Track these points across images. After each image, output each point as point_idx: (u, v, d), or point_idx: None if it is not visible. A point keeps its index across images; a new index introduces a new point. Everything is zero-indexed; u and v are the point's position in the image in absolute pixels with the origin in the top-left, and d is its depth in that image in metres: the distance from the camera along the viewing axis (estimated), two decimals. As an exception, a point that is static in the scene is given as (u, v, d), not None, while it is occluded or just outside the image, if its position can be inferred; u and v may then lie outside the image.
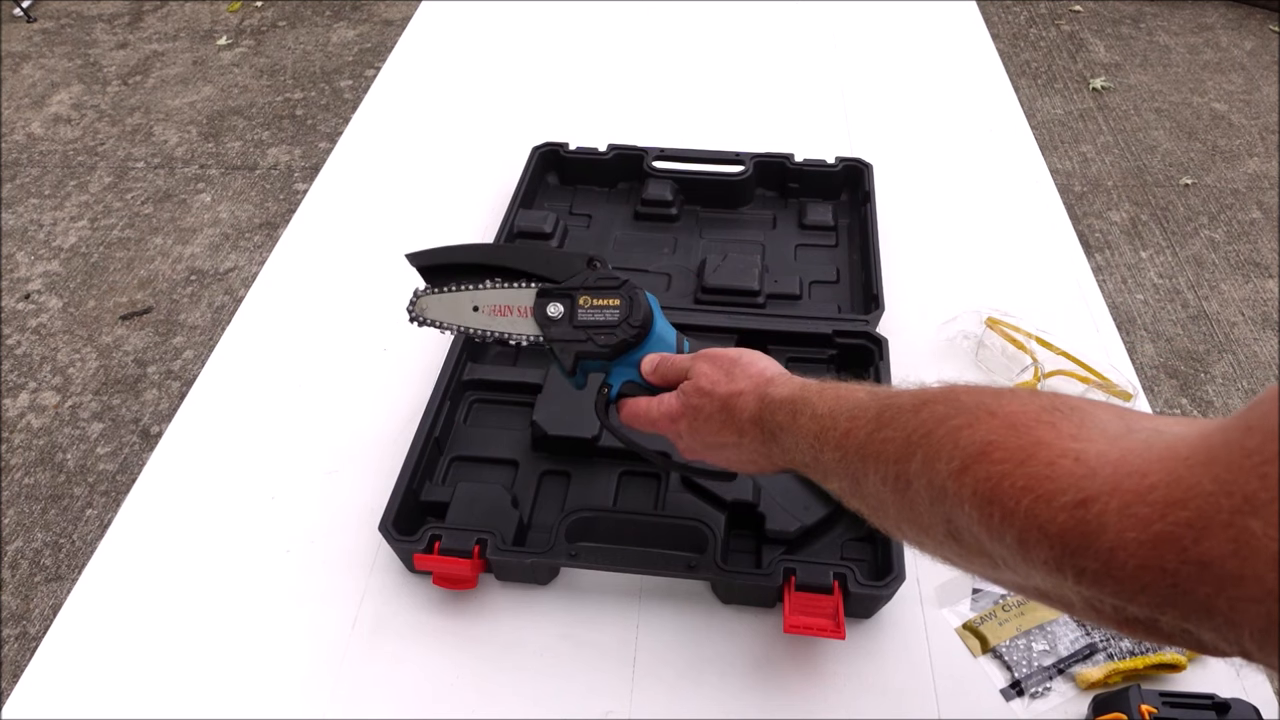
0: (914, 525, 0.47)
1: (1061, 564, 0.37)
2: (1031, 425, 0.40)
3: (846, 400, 0.54)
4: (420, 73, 1.46)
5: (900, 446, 0.46)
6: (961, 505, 0.41)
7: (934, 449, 0.44)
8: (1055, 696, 0.69)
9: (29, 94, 3.17)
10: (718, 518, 0.77)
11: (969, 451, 0.41)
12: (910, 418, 0.47)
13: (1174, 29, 3.27)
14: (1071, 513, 0.36)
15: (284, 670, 0.73)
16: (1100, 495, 0.35)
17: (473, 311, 0.75)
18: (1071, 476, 0.37)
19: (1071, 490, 0.36)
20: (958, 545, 0.44)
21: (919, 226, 1.11)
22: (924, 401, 0.47)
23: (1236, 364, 2.11)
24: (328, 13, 3.53)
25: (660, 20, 1.55)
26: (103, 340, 2.26)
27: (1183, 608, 0.33)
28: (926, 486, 0.44)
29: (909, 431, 0.46)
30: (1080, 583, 0.36)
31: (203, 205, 2.66)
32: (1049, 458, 0.38)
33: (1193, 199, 2.56)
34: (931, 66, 1.43)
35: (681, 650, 0.73)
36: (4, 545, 1.85)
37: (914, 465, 0.45)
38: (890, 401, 0.50)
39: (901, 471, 0.46)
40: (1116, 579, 0.35)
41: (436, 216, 1.17)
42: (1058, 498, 0.37)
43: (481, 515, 0.78)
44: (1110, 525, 0.35)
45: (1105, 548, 0.35)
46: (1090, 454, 0.37)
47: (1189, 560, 0.32)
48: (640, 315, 0.68)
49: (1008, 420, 0.41)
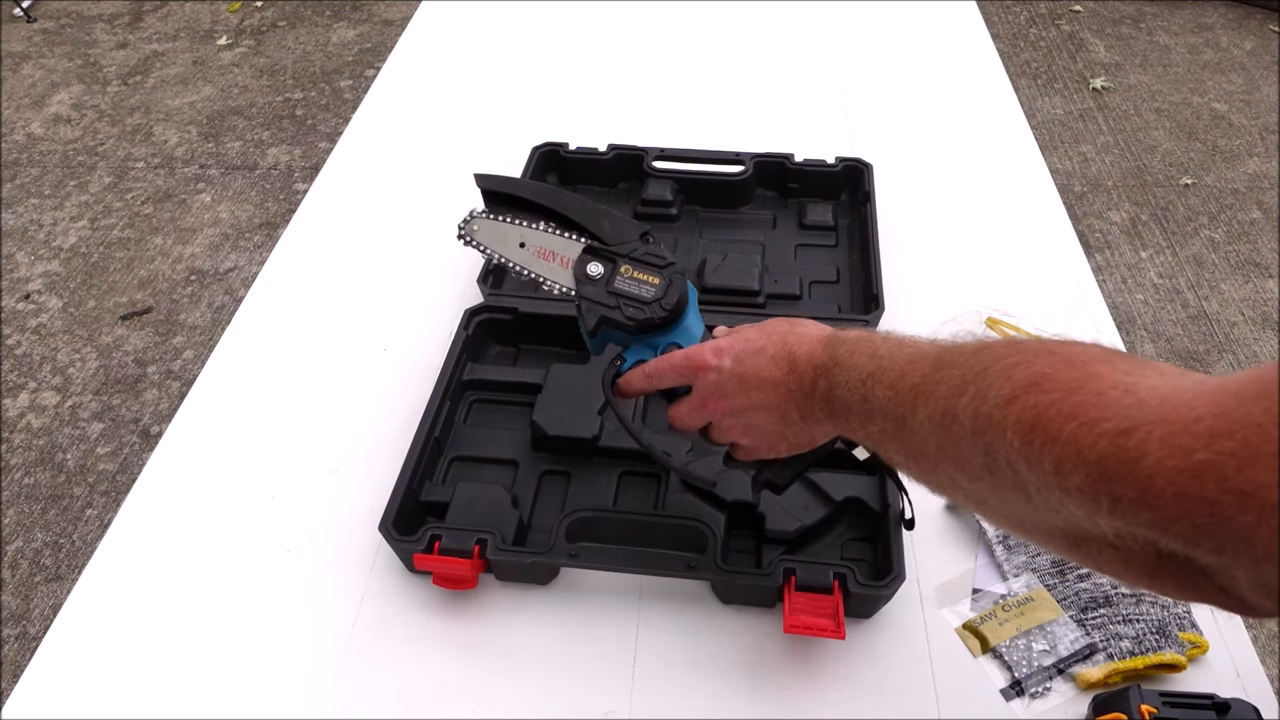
0: (952, 461, 0.46)
1: (1096, 491, 0.36)
2: (1089, 362, 0.40)
3: (909, 347, 0.54)
4: (420, 73, 1.46)
5: (954, 385, 0.46)
6: (1004, 433, 0.41)
7: (987, 383, 0.44)
8: (1055, 696, 0.69)
9: (29, 94, 3.17)
10: (718, 518, 0.77)
11: (1020, 383, 0.41)
12: (969, 360, 0.47)
13: (1174, 29, 3.27)
14: (1113, 440, 0.36)
15: (284, 670, 0.73)
16: (1144, 424, 0.35)
17: (519, 247, 0.77)
18: (1119, 405, 0.37)
19: (1116, 418, 0.36)
20: (992, 478, 0.43)
21: (919, 226, 1.11)
22: (984, 346, 0.48)
23: (1236, 364, 2.11)
24: (328, 13, 3.53)
25: (660, 20, 1.55)
26: (103, 340, 2.26)
27: (1220, 538, 0.33)
28: (972, 417, 0.44)
29: (964, 370, 0.46)
30: (1114, 512, 0.36)
31: (203, 205, 2.66)
32: (1099, 388, 0.38)
33: (1193, 199, 2.56)
34: (931, 66, 1.43)
35: (681, 650, 0.73)
36: (4, 545, 1.85)
37: (964, 400, 0.45)
38: (951, 347, 0.50)
39: (950, 407, 0.46)
40: (1153, 506, 0.34)
41: (437, 216, 1.17)
42: (1100, 424, 0.37)
43: (481, 515, 0.78)
44: (1150, 452, 0.34)
45: (1143, 474, 0.34)
46: (1141, 387, 0.37)
47: (1230, 489, 0.32)
48: (674, 300, 0.68)
49: (1065, 357, 0.41)
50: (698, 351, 0.66)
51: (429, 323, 1.00)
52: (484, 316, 0.95)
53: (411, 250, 1.11)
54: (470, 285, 1.01)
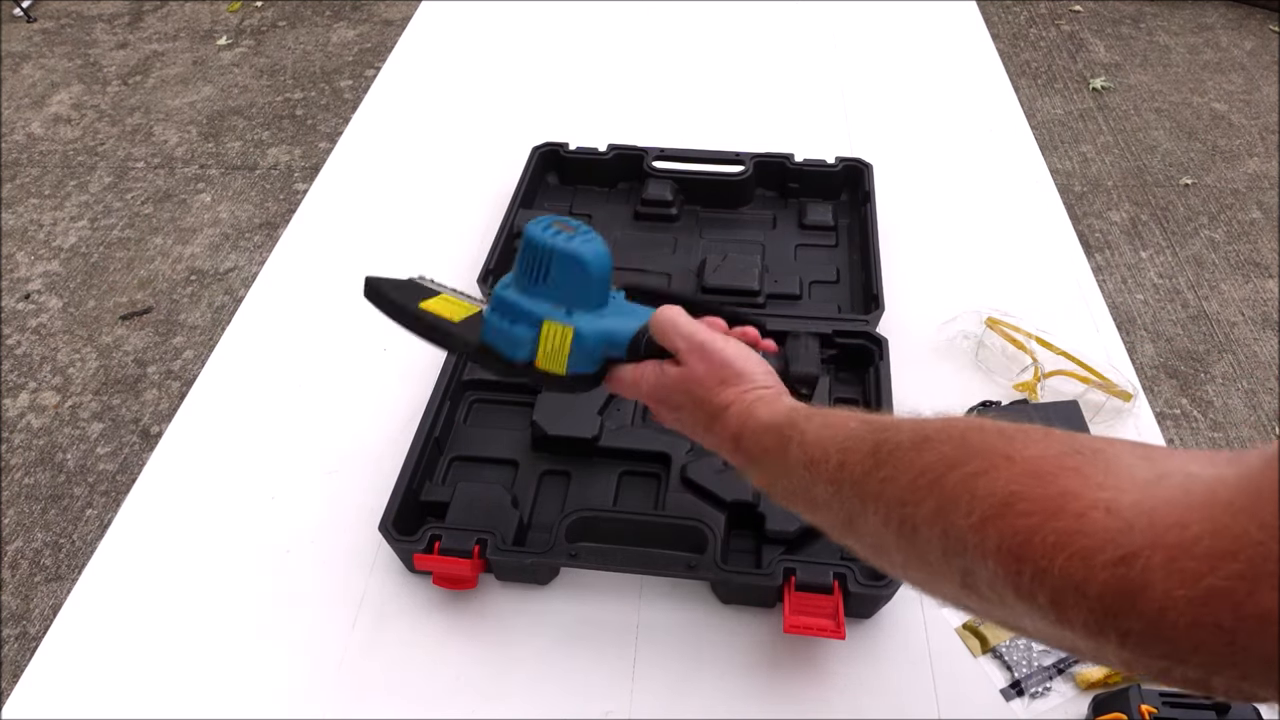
0: (923, 572, 0.44)
1: (1103, 626, 0.34)
2: (1055, 473, 0.38)
3: (838, 429, 0.51)
4: (420, 73, 1.46)
5: (904, 489, 0.44)
6: (984, 560, 0.39)
7: (947, 498, 0.41)
8: (1055, 696, 0.69)
9: (29, 94, 3.17)
10: (718, 518, 0.77)
11: (989, 503, 0.39)
12: (913, 456, 0.44)
13: (1174, 29, 3.27)
14: (1112, 571, 0.34)
15: (284, 670, 0.73)
16: (1141, 551, 0.33)
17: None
18: (1107, 531, 0.34)
19: (1109, 547, 0.34)
20: (975, 598, 0.41)
21: (919, 226, 1.11)
22: (924, 438, 0.44)
23: (1236, 364, 2.11)
24: (328, 13, 3.53)
25: (660, 20, 1.55)
26: (103, 340, 2.26)
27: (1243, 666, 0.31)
28: (940, 537, 0.41)
29: (914, 474, 0.43)
30: (1124, 645, 0.34)
31: (203, 205, 2.66)
32: (1078, 509, 0.36)
33: (1193, 199, 2.56)
34: (931, 66, 1.43)
35: (681, 650, 0.73)
36: (4, 545, 1.85)
37: (923, 512, 0.42)
38: (886, 436, 0.47)
39: (907, 516, 0.43)
40: (1167, 640, 0.32)
41: (436, 216, 1.17)
42: (1095, 555, 0.34)
43: (481, 515, 0.78)
44: (1156, 583, 0.32)
45: (1153, 608, 0.32)
46: (1123, 504, 0.35)
47: (1246, 615, 0.30)
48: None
49: (1028, 468, 0.39)
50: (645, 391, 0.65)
51: (429, 323, 1.00)
52: (484, 316, 0.95)
53: (411, 250, 1.11)
54: (470, 285, 1.01)
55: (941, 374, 0.93)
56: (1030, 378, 0.89)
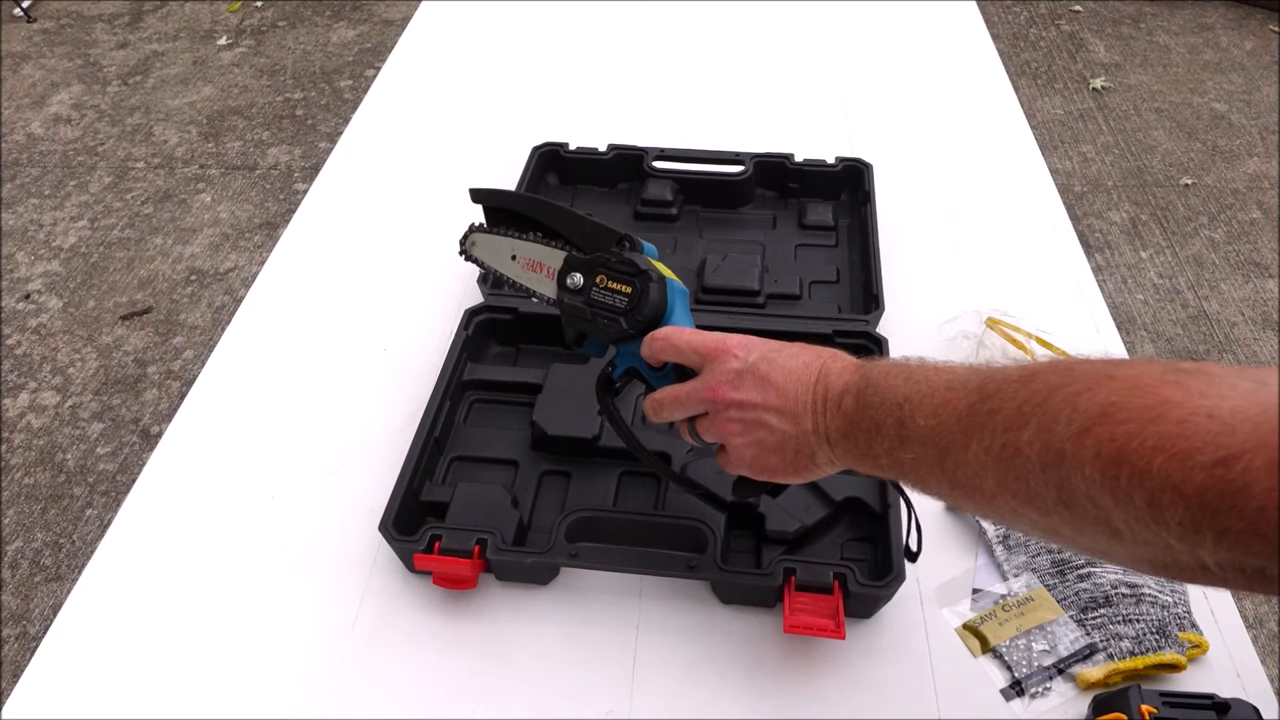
0: (1018, 495, 0.45)
1: (1200, 525, 0.35)
2: (1156, 385, 0.39)
3: (945, 372, 0.52)
4: (420, 73, 1.46)
5: (1010, 416, 0.45)
6: (1081, 468, 0.39)
7: (1049, 416, 0.42)
8: (1055, 696, 0.69)
9: (29, 94, 3.17)
10: (718, 518, 0.77)
11: (1090, 414, 0.40)
12: (1019, 388, 0.45)
13: (1174, 29, 3.27)
14: (1211, 471, 0.35)
15: (284, 670, 0.73)
16: (1243, 453, 0.34)
17: (510, 259, 0.77)
18: (1207, 434, 0.35)
19: (1209, 448, 0.35)
20: (1069, 513, 0.42)
21: (919, 226, 1.11)
22: (1032, 373, 0.46)
23: (1236, 364, 2.11)
24: (328, 13, 3.53)
25: (660, 20, 1.55)
26: (103, 340, 2.26)
27: None
28: (1040, 452, 0.42)
29: (1019, 402, 0.44)
30: (1221, 544, 0.35)
31: (203, 205, 2.66)
32: (1180, 415, 0.37)
33: (1193, 199, 2.56)
34: (931, 66, 1.43)
35: (681, 650, 0.73)
36: (4, 545, 1.85)
37: (1026, 434, 0.43)
38: (992, 374, 0.48)
39: (1010, 440, 0.44)
40: (1265, 537, 0.33)
41: (437, 216, 1.17)
42: (1194, 456, 0.35)
43: (481, 515, 0.78)
44: (1257, 483, 0.33)
45: (1253, 507, 0.33)
46: (1224, 410, 0.36)
47: None
48: (646, 312, 0.67)
49: (1129, 382, 0.40)
50: (721, 338, 0.63)
51: (429, 323, 1.00)
52: (484, 316, 0.95)
53: (412, 250, 1.11)
54: (470, 285, 1.01)
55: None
56: (1030, 378, 0.89)
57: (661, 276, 0.68)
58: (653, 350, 0.66)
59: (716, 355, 0.62)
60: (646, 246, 0.71)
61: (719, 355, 0.62)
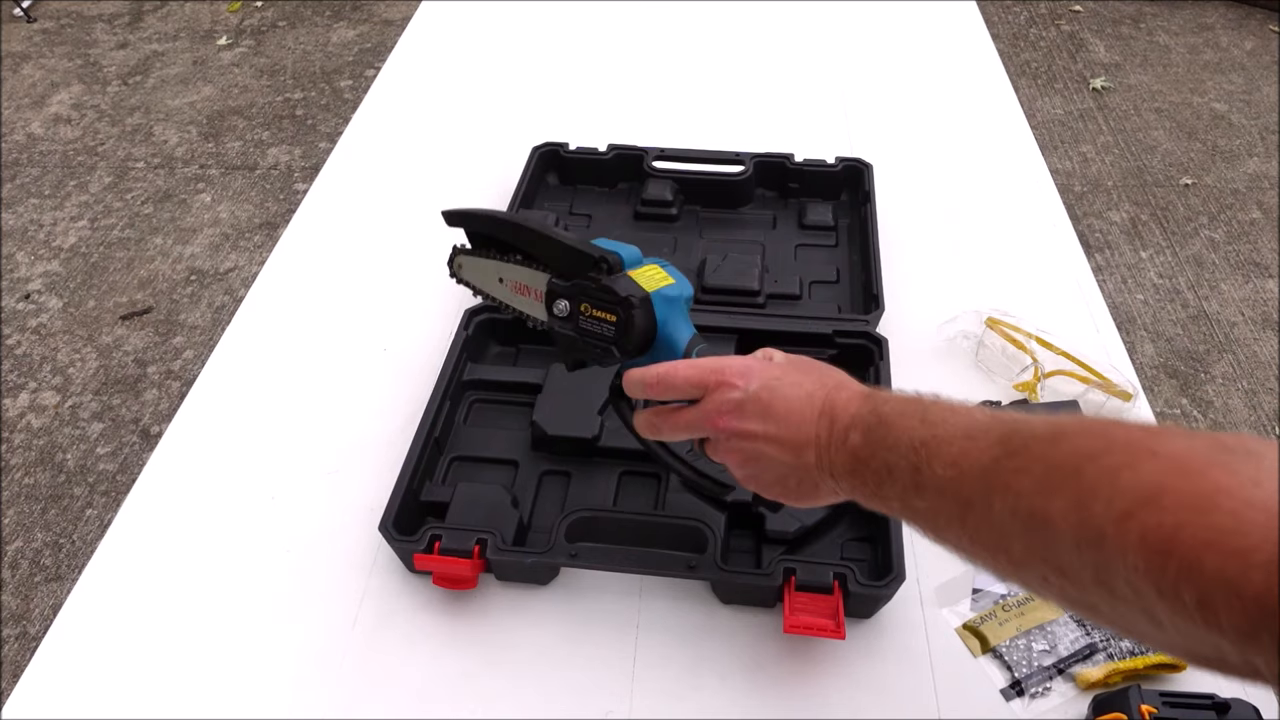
0: (1048, 565, 0.42)
1: (1257, 629, 0.33)
2: (1204, 468, 0.36)
3: (960, 414, 0.49)
4: (420, 73, 1.46)
5: (1038, 480, 0.42)
6: (1123, 554, 0.37)
7: (1086, 489, 0.39)
8: (1055, 696, 0.69)
9: (29, 94, 3.17)
10: (718, 518, 0.77)
11: (1134, 496, 0.37)
12: (1047, 448, 0.43)
13: (1174, 29, 3.27)
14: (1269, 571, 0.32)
15: (284, 670, 0.73)
16: None
17: (498, 282, 0.76)
18: (1265, 529, 0.33)
19: (1267, 546, 0.33)
20: (1108, 596, 0.39)
21: (919, 226, 1.11)
22: (1060, 432, 0.43)
23: (1236, 364, 2.11)
24: (328, 13, 3.53)
25: (660, 20, 1.55)
26: (103, 340, 2.26)
27: None
28: (1076, 528, 0.39)
29: (1048, 465, 0.42)
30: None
31: (203, 205, 2.66)
32: (1233, 507, 0.34)
33: (1193, 199, 2.56)
34: (931, 66, 1.43)
35: (681, 650, 0.73)
36: (4, 545, 1.85)
37: (1058, 503, 0.40)
38: (1016, 426, 0.45)
39: (1038, 508, 0.41)
40: None
41: (437, 217, 1.17)
42: (1252, 554, 0.33)
43: (481, 515, 0.78)
44: None
45: None
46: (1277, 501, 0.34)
47: None
48: (633, 343, 0.65)
49: (1175, 462, 0.37)
50: (720, 366, 0.61)
51: (429, 323, 1.00)
52: (484, 316, 0.95)
53: (411, 250, 1.11)
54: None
55: (941, 374, 0.93)
56: (1030, 378, 0.89)
57: (645, 297, 0.65)
58: (649, 395, 0.64)
59: (717, 386, 0.60)
60: (628, 251, 0.69)
61: (719, 386, 0.60)
